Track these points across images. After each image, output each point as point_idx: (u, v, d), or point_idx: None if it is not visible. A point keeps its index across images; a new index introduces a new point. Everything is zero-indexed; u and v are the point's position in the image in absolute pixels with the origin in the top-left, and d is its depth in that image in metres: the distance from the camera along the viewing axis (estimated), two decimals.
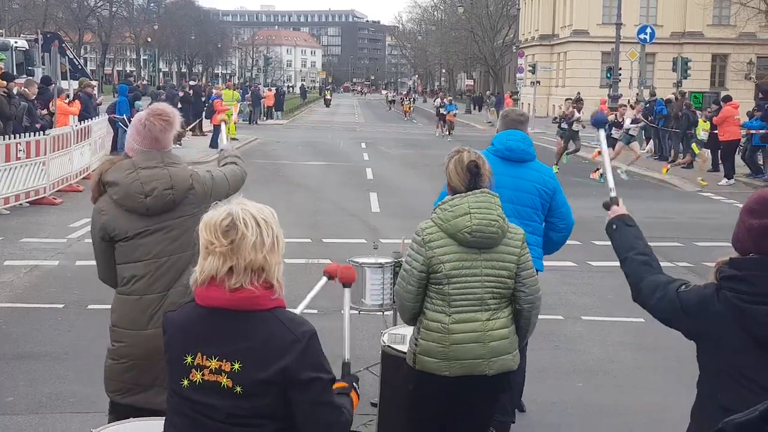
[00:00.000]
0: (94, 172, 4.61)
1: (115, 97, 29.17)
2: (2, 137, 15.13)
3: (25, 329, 8.36)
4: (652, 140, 30.20)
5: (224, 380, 2.61)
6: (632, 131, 22.78)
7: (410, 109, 62.17)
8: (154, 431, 3.08)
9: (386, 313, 6.22)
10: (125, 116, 22.99)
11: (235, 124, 32.52)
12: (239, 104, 36.19)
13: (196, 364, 2.64)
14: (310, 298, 4.55)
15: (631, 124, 22.58)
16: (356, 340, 8.14)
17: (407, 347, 4.62)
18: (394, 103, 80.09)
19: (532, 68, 52.93)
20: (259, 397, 2.62)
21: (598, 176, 21.42)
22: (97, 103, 25.08)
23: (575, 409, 6.77)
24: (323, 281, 4.48)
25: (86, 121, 20.38)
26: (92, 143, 20.24)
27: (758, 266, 2.89)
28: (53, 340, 8.01)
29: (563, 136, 24.66)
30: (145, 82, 66.20)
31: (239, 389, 2.61)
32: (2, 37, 40.35)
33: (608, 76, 38.45)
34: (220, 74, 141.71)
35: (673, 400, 6.49)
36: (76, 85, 27.65)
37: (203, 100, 35.30)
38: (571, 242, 12.38)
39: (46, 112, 18.62)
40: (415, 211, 15.33)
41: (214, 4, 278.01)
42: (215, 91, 35.68)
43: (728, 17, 52.60)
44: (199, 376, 2.64)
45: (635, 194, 20.35)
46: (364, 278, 6.24)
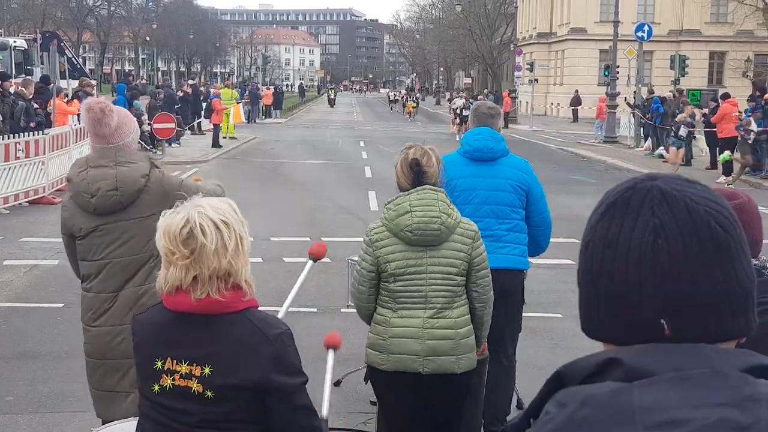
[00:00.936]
0: None
1: (113, 96, 29.17)
2: (1, 137, 15.14)
3: (24, 329, 8.38)
4: (649, 138, 30.23)
5: (195, 385, 2.55)
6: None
7: (414, 109, 57.12)
8: None
9: None
10: None
11: (234, 125, 32.50)
12: (240, 104, 36.16)
13: (166, 368, 2.58)
14: (300, 283, 4.59)
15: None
16: (355, 338, 8.16)
17: None
18: (396, 102, 76.34)
19: (530, 66, 52.90)
20: (230, 401, 2.55)
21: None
22: None
23: None
24: (309, 264, 4.52)
25: None
26: (91, 143, 20.22)
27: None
28: (53, 339, 8.03)
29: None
30: (143, 81, 66.17)
31: (210, 394, 2.54)
32: (1, 36, 40.38)
33: (606, 73, 38.43)
34: (218, 73, 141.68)
35: None
36: (75, 84, 27.68)
37: (201, 99, 35.31)
38: (568, 240, 12.45)
39: (38, 107, 18.56)
40: None
41: (212, 3, 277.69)
42: (213, 90, 35.67)
43: (726, 15, 52.62)
44: (169, 381, 2.57)
45: None
46: None
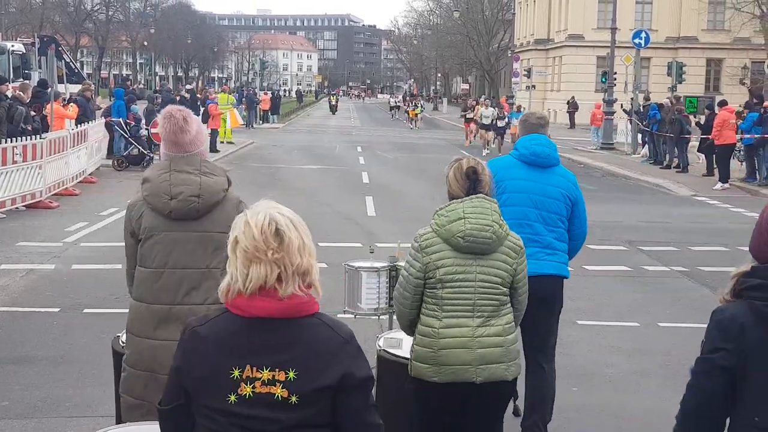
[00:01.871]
0: None
1: (111, 100, 29.16)
2: None
3: (20, 333, 8.35)
4: (646, 145, 30.26)
5: (278, 391, 2.51)
6: None
7: (417, 115, 54.10)
8: None
9: (382, 317, 6.23)
10: (121, 120, 22.99)
11: (232, 129, 32.49)
12: (235, 110, 36.18)
13: (245, 377, 2.51)
14: None
15: None
16: None
17: (401, 351, 4.63)
18: (397, 109, 71.30)
19: (527, 72, 53.02)
20: (314, 405, 2.54)
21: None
22: (96, 107, 25.08)
23: (570, 413, 6.78)
24: None
25: (83, 124, 20.38)
26: (89, 147, 20.23)
27: None
28: (49, 344, 8.01)
29: None
30: (141, 85, 66.18)
31: (294, 399, 2.52)
32: None
33: (603, 80, 38.47)
34: (216, 78, 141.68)
35: (667, 404, 6.51)
36: (73, 88, 27.67)
37: (199, 103, 35.29)
38: None
39: (35, 113, 18.55)
40: (411, 214, 15.37)
41: (210, 8, 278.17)
42: (211, 96, 35.67)
43: (723, 22, 52.77)
44: (249, 389, 2.51)
45: (631, 198, 20.41)
46: (359, 282, 6.25)
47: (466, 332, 4.28)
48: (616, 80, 35.75)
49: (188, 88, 40.96)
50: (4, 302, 9.46)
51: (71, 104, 21.95)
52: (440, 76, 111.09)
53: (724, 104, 24.19)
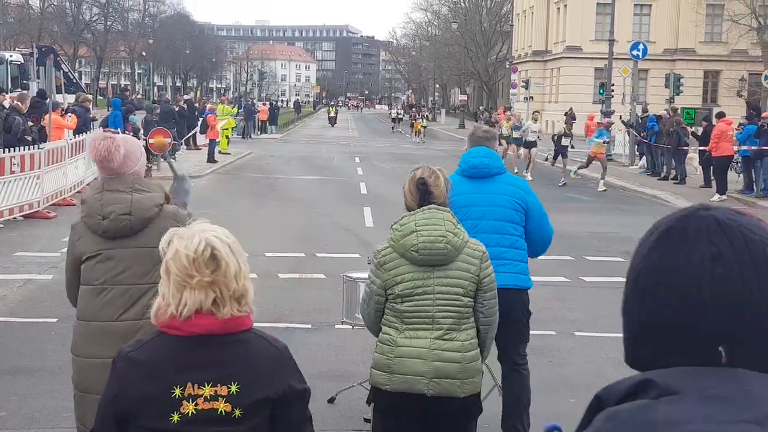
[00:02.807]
0: None
1: (109, 111, 29.18)
2: None
3: (17, 344, 8.35)
4: (644, 156, 30.31)
5: (221, 405, 2.54)
6: None
7: (423, 129, 49.65)
8: None
9: None
10: (119, 130, 22.99)
11: (227, 138, 32.51)
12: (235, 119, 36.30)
13: (187, 395, 2.54)
14: None
15: None
16: (350, 355, 8.15)
17: None
18: (400, 121, 67.70)
19: (525, 84, 53.15)
20: (254, 417, 2.58)
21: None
22: (92, 117, 25.08)
23: (567, 424, 6.77)
24: None
25: (81, 135, 20.39)
26: (87, 157, 20.23)
27: None
28: (46, 354, 8.00)
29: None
30: (139, 96, 66.25)
31: (238, 412, 2.55)
32: None
33: (601, 92, 38.59)
34: (214, 88, 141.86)
35: None
36: (71, 98, 27.67)
37: (197, 114, 35.32)
38: (563, 257, 12.46)
39: (33, 123, 18.56)
40: None
41: (209, 18, 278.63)
42: (209, 105, 35.72)
43: (720, 34, 52.93)
44: (191, 407, 2.53)
45: (628, 210, 20.44)
46: (357, 293, 6.26)
47: (423, 344, 4.27)
48: (613, 92, 35.84)
49: (186, 98, 40.88)
50: (1, 312, 9.46)
51: (69, 114, 21.96)
52: (438, 87, 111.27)
53: (721, 116, 24.25)
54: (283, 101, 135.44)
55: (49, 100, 19.47)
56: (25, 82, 35.35)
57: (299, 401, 2.66)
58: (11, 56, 37.97)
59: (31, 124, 18.39)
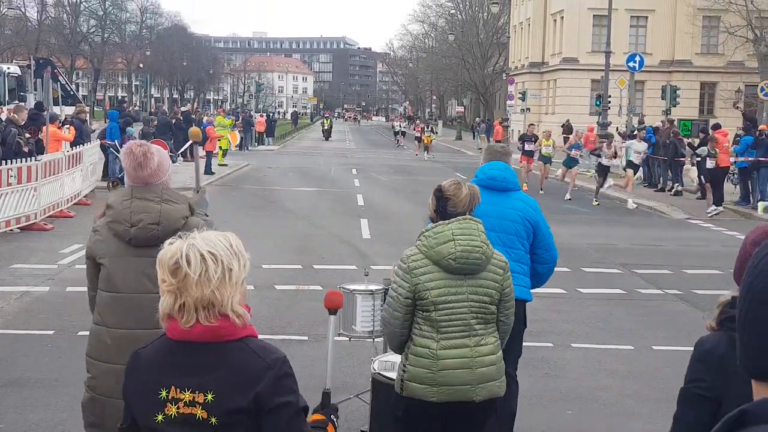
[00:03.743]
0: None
1: (106, 122, 29.22)
2: None
3: (14, 356, 8.34)
4: (641, 168, 30.34)
5: (199, 412, 2.61)
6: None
7: (431, 142, 44.82)
8: None
9: (377, 340, 6.24)
10: (116, 142, 23.02)
11: (223, 150, 32.51)
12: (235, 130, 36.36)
13: (170, 397, 2.63)
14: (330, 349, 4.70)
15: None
16: (346, 367, 8.14)
17: (395, 374, 4.65)
18: (404, 135, 62.62)
19: (522, 95, 53.27)
20: (231, 427, 2.62)
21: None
22: (90, 129, 25.11)
23: None
24: (332, 321, 4.58)
25: (78, 147, 20.40)
26: (84, 169, 20.26)
27: None
28: (43, 366, 7.99)
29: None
30: (136, 107, 66.28)
31: (214, 420, 2.61)
32: None
33: (598, 103, 38.68)
34: (211, 100, 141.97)
35: (661, 427, 6.51)
36: (68, 110, 27.70)
37: (193, 126, 35.34)
38: (560, 269, 12.43)
39: (30, 136, 18.56)
40: (405, 237, 15.37)
41: (206, 30, 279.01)
42: (206, 117, 35.77)
43: (716, 46, 53.03)
44: (174, 409, 2.63)
45: (625, 221, 20.46)
46: (354, 305, 6.26)
47: (465, 353, 4.35)
48: (610, 103, 35.93)
49: (183, 110, 41.00)
50: None
51: (67, 126, 21.98)
52: (435, 98, 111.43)
53: (717, 127, 24.31)
54: (280, 113, 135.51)
55: (46, 112, 19.47)
56: (22, 94, 35.37)
57: (282, 415, 2.65)
58: (8, 68, 37.97)
59: (28, 136, 18.39)
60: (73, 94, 45.13)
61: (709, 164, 21.90)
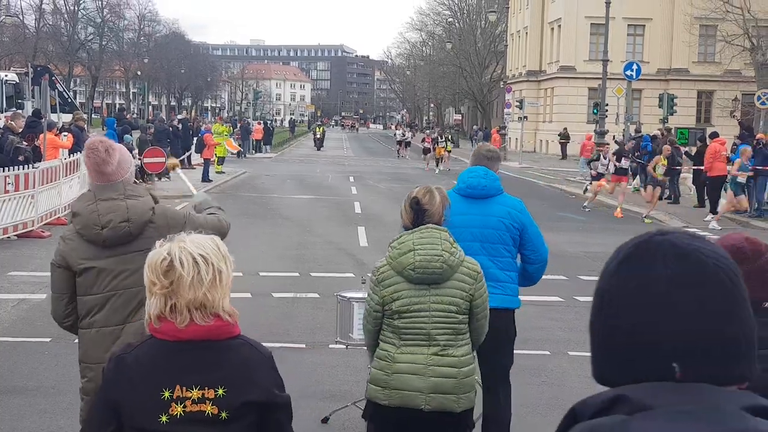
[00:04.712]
0: None
1: (104, 130, 29.26)
2: None
3: (11, 363, 8.34)
4: (638, 176, 30.38)
5: (209, 408, 2.64)
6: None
7: (447, 154, 40.34)
8: None
9: None
10: None
11: (218, 158, 32.52)
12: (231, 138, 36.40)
13: (175, 397, 2.64)
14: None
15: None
16: (344, 375, 8.15)
17: None
18: (408, 146, 54.77)
19: (519, 103, 53.29)
20: (241, 420, 2.67)
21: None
22: (88, 136, 25.11)
23: None
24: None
25: (76, 154, 20.41)
26: (81, 176, 20.25)
27: None
28: (40, 374, 8.00)
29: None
30: (134, 115, 66.32)
31: (225, 415, 2.64)
32: None
33: (595, 111, 38.73)
34: (209, 108, 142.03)
35: None
36: (65, 117, 27.70)
37: (191, 133, 35.38)
38: (556, 277, 12.47)
39: (27, 143, 18.55)
40: None
41: (204, 38, 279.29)
42: (204, 126, 35.81)
43: (713, 54, 53.12)
44: (179, 408, 2.64)
45: (620, 229, 20.47)
46: (351, 313, 6.28)
47: (420, 359, 4.36)
48: (607, 111, 36.00)
49: (180, 117, 40.98)
50: None
51: (65, 133, 21.98)
52: (433, 106, 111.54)
53: (715, 136, 24.35)
54: (277, 120, 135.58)
55: (44, 119, 19.48)
56: (20, 101, 35.38)
57: (284, 410, 2.78)
58: (6, 76, 37.96)
59: (25, 143, 18.40)
60: (70, 101, 45.10)
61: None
